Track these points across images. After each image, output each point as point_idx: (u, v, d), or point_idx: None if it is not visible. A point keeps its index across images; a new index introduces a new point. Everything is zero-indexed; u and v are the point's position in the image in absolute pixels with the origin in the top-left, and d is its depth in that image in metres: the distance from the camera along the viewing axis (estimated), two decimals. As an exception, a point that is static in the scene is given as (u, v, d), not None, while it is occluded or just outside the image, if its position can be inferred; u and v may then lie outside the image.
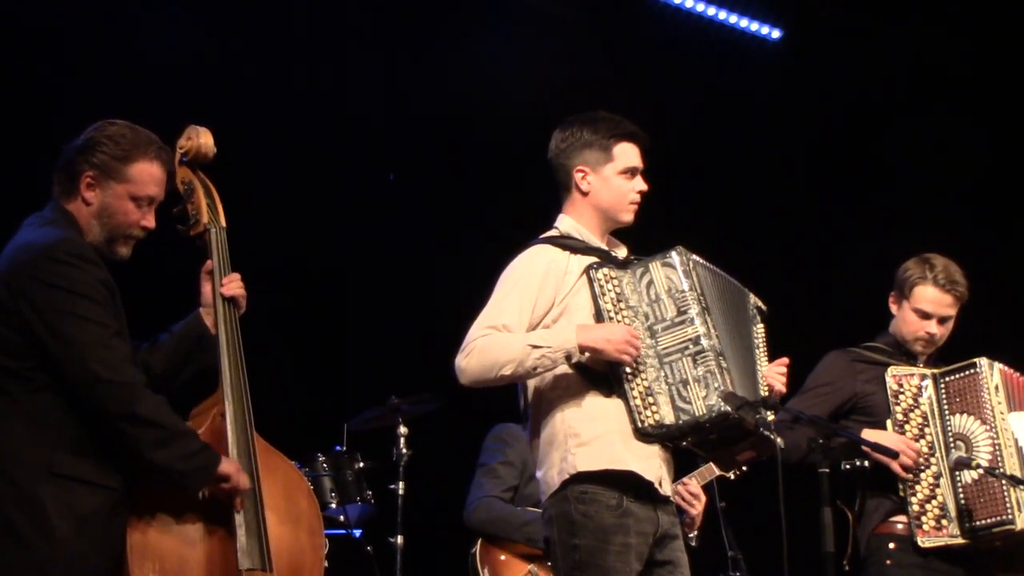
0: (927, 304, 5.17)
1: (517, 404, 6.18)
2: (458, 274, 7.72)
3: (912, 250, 5.31)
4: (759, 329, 4.40)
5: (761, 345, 4.37)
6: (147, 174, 3.93)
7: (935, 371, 5.16)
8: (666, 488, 4.20)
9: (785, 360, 4.39)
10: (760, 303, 4.43)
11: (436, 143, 7.93)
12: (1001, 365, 5.13)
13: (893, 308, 5.28)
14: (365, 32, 7.77)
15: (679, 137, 7.70)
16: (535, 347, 4.04)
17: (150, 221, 3.96)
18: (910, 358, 5.25)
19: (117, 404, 3.72)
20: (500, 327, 4.09)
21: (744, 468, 5.81)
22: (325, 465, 6.56)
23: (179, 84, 6.99)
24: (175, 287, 4.36)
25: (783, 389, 4.37)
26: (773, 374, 4.34)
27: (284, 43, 7.55)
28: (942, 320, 5.19)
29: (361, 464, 6.64)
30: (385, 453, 6.56)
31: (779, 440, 4.19)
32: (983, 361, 5.08)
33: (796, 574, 4.13)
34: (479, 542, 5.78)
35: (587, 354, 4.07)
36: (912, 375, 5.14)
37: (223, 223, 4.21)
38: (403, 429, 6.51)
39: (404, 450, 6.47)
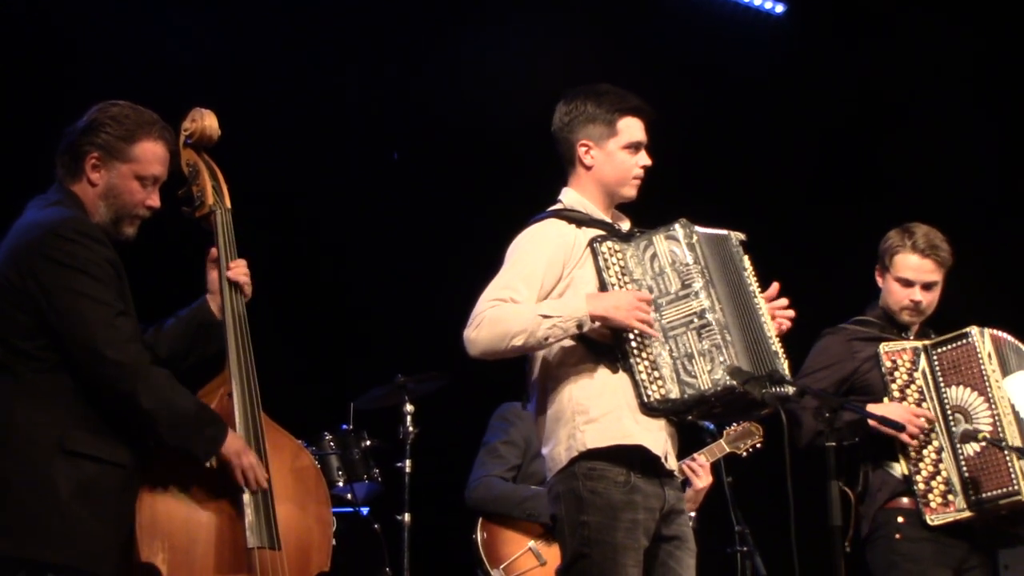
0: (908, 271, 5.15)
1: (520, 383, 6.21)
2: (464, 252, 7.72)
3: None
4: (748, 267, 4.31)
5: (756, 289, 4.30)
6: (151, 153, 3.94)
7: (927, 343, 5.13)
8: (671, 463, 4.20)
9: (775, 288, 4.32)
10: (740, 235, 4.35)
11: (440, 121, 7.93)
12: (992, 330, 5.09)
13: (879, 281, 5.26)
14: (371, 18, 7.78)
15: (680, 114, 7.68)
16: (546, 317, 4.03)
17: (155, 200, 3.97)
18: (901, 330, 5.23)
19: (123, 383, 3.73)
20: (508, 299, 4.08)
21: (757, 446, 5.82)
22: (332, 444, 6.59)
23: (183, 68, 6.99)
24: (182, 269, 4.37)
25: (788, 324, 4.31)
26: (778, 315, 4.30)
27: (287, 25, 7.56)
28: (926, 286, 5.16)
29: (368, 442, 6.66)
30: (391, 431, 6.58)
31: (790, 390, 4.17)
32: (974, 330, 5.05)
33: (803, 548, 4.14)
34: (480, 521, 5.81)
35: (598, 323, 4.06)
36: (904, 350, 5.12)
37: (228, 204, 4.22)
38: (409, 407, 6.52)
39: (410, 428, 6.49)
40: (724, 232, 4.31)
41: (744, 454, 5.86)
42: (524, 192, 4.55)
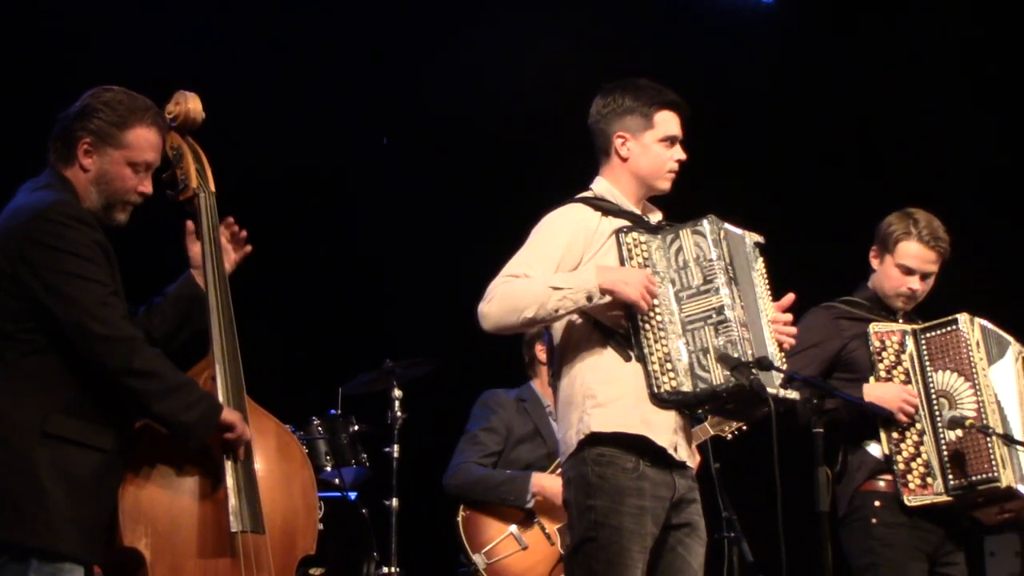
0: (911, 260, 5.16)
1: (508, 368, 6.19)
2: (453, 239, 7.74)
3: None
4: (760, 267, 4.33)
5: (765, 291, 4.31)
6: (145, 140, 3.92)
7: (916, 327, 5.14)
8: (682, 453, 4.21)
9: (790, 299, 4.34)
10: (757, 237, 4.37)
11: (433, 110, 7.93)
12: (981, 320, 5.11)
13: (874, 263, 5.26)
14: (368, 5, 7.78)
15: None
16: (556, 288, 4.05)
17: (147, 187, 3.96)
18: (889, 313, 5.23)
19: (117, 360, 3.73)
20: (521, 276, 4.11)
21: (743, 428, 5.82)
22: (320, 428, 6.60)
23: (177, 51, 7.00)
24: (165, 251, 4.35)
25: (790, 344, 4.32)
26: (781, 331, 4.29)
27: (282, 10, 7.56)
28: (925, 276, 5.19)
29: (356, 427, 6.67)
30: (380, 416, 6.59)
31: (795, 395, 4.18)
32: (963, 317, 5.06)
33: (790, 534, 4.14)
34: (461, 507, 5.81)
35: (607, 297, 4.07)
36: (893, 332, 5.12)
37: (212, 188, 4.21)
38: (397, 392, 6.52)
39: (398, 413, 6.49)
40: (739, 232, 4.33)
41: (729, 436, 5.85)
42: (514, 182, 4.55)
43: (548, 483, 5.70)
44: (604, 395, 4.12)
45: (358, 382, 6.69)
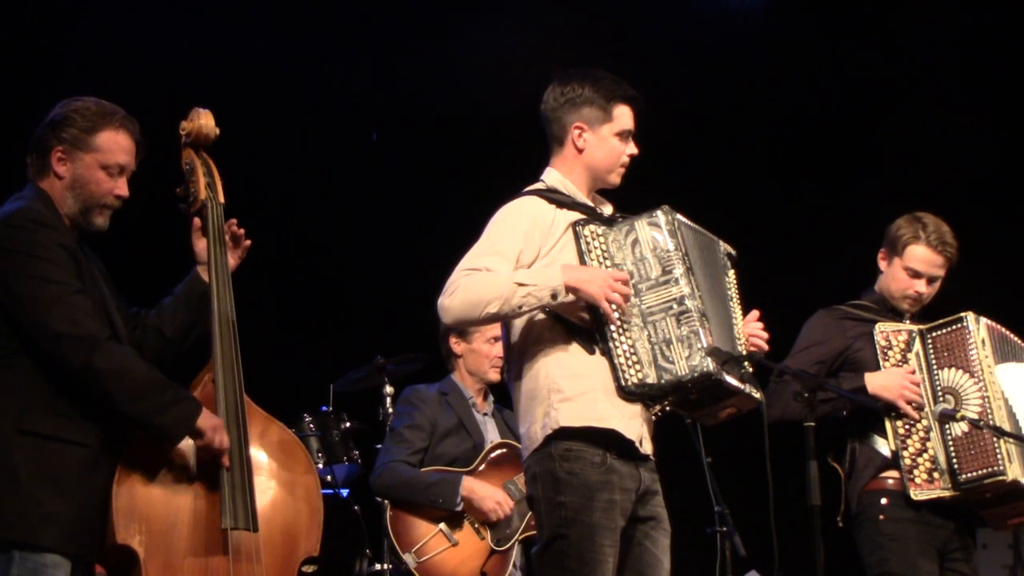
0: (918, 263, 5.20)
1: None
2: (442, 235, 7.72)
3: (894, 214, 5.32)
4: (731, 277, 4.36)
5: (735, 296, 4.33)
6: (114, 142, 3.98)
7: (922, 327, 5.17)
8: (647, 447, 4.20)
9: (756, 314, 4.35)
10: (729, 248, 4.38)
11: (419, 106, 7.93)
12: (987, 319, 5.15)
13: (882, 265, 5.30)
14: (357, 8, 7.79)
15: (658, 99, 7.65)
16: (521, 285, 4.01)
17: (123, 190, 4.01)
18: (896, 315, 5.26)
19: (77, 357, 3.75)
20: (483, 269, 4.07)
21: (666, 409, 5.76)
22: (312, 425, 6.61)
23: (178, 65, 7.01)
24: (173, 261, 4.39)
25: (764, 347, 4.33)
26: (753, 333, 4.31)
27: (271, 9, 7.56)
28: (931, 280, 5.22)
29: (347, 424, 6.68)
30: (371, 413, 6.59)
31: (759, 395, 4.17)
32: (969, 316, 5.10)
33: (783, 528, 4.15)
34: (388, 507, 5.77)
35: (571, 296, 4.05)
36: (900, 331, 5.16)
37: (221, 199, 4.25)
38: (389, 389, 6.52)
39: (390, 410, 6.48)
40: (713, 237, 4.33)
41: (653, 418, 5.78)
42: (501, 175, 4.54)
43: (478, 487, 5.67)
44: (571, 389, 4.09)
45: (349, 379, 6.69)
